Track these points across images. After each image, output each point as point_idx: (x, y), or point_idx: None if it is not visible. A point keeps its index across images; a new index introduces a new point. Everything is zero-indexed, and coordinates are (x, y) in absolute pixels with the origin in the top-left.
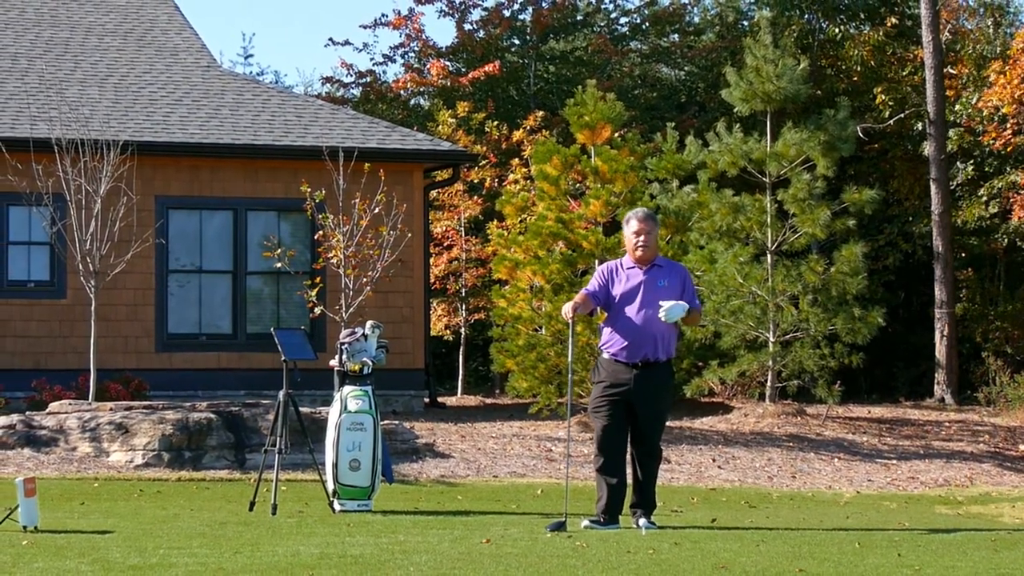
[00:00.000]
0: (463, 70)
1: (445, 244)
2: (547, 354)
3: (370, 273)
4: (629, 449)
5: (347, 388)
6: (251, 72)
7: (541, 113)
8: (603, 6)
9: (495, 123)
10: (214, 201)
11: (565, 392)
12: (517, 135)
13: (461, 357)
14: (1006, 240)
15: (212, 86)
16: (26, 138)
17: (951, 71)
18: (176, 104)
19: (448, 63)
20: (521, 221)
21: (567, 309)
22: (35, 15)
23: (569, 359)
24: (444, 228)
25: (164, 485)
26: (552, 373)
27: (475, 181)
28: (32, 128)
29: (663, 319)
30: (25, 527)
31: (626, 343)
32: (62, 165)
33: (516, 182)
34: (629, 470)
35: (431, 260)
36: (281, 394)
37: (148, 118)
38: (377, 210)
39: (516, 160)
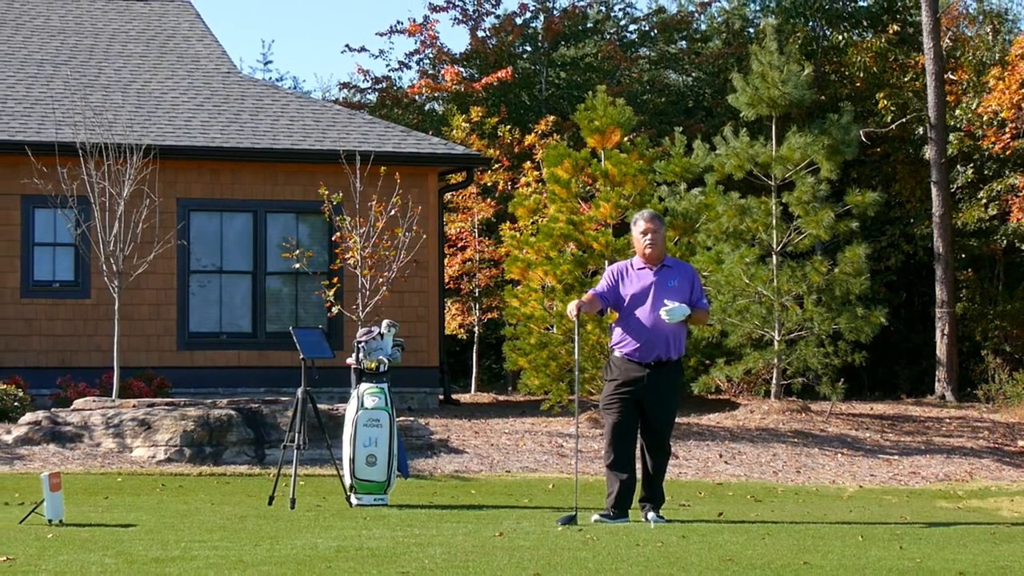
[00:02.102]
0: (476, 76)
1: (459, 245)
2: (558, 352)
3: (386, 273)
4: (639, 444)
5: (364, 385)
6: (270, 78)
7: (552, 118)
8: (612, 14)
9: (507, 127)
10: (234, 203)
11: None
12: (529, 139)
13: (475, 355)
14: (1005, 241)
15: (232, 91)
16: (51, 142)
17: (951, 77)
18: (197, 109)
19: (462, 69)
20: (533, 223)
21: (571, 308)
22: (60, 23)
23: (575, 356)
24: (458, 230)
25: (186, 480)
26: (563, 371)
27: (488, 184)
28: (57, 132)
29: (665, 319)
30: (50, 521)
31: (639, 344)
32: (86, 168)
33: (528, 185)
34: (638, 465)
35: (445, 261)
36: (299, 391)
37: (170, 122)
38: (393, 212)
39: (528, 163)
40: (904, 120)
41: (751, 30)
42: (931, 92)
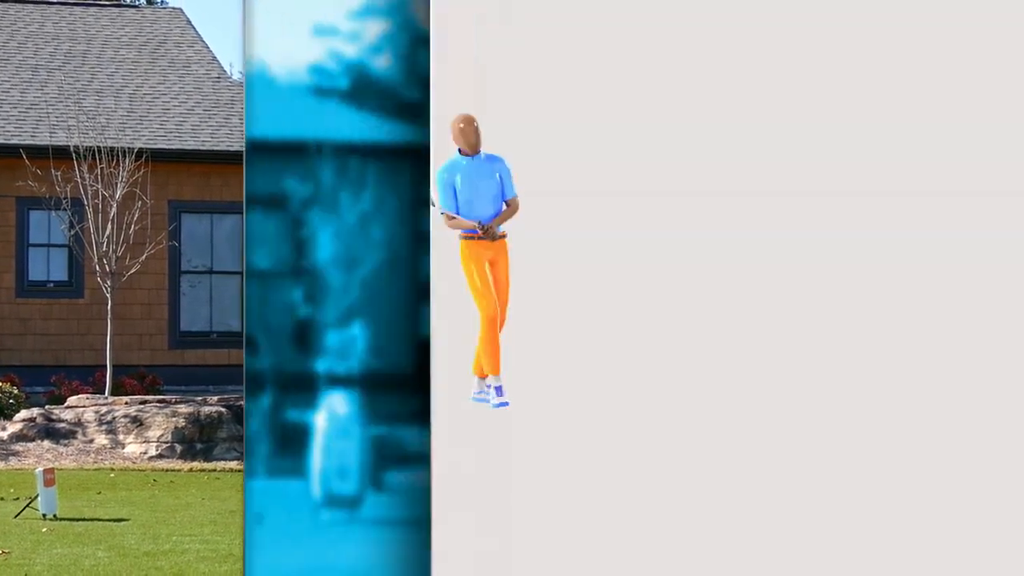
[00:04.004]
0: None
1: None
2: None
3: None
4: None
5: None
6: None
7: None
8: None
9: None
10: (224, 205)
11: None
12: None
13: None
14: None
15: (222, 96)
16: (45, 146)
17: None
18: (188, 113)
19: None
20: None
21: None
22: (54, 29)
23: None
24: None
25: (177, 475)
26: None
27: None
28: (51, 136)
29: None
30: (45, 515)
31: None
32: (80, 171)
33: None
34: None
35: None
36: None
37: (162, 126)
38: None
39: None
40: None
41: None
42: None
